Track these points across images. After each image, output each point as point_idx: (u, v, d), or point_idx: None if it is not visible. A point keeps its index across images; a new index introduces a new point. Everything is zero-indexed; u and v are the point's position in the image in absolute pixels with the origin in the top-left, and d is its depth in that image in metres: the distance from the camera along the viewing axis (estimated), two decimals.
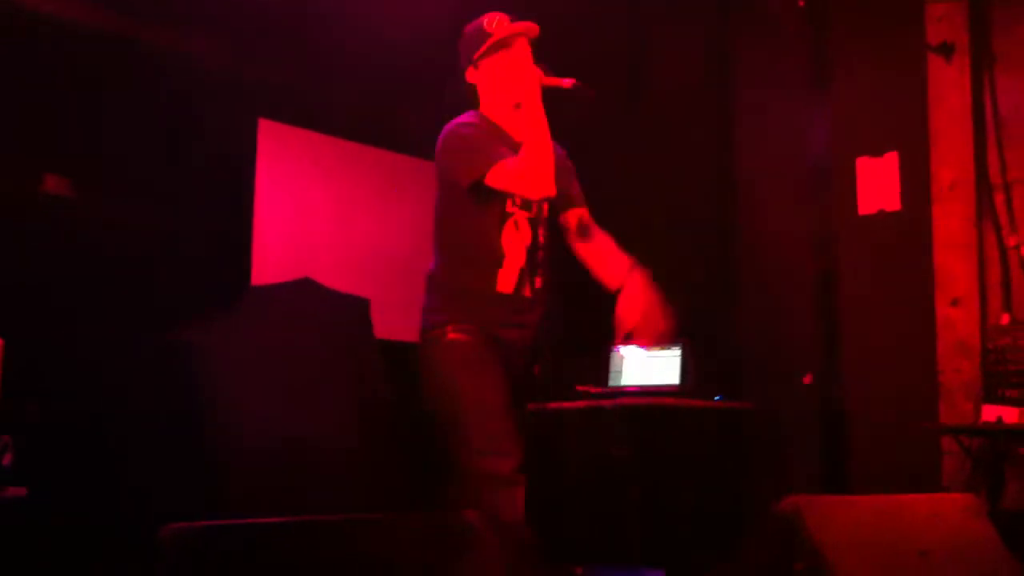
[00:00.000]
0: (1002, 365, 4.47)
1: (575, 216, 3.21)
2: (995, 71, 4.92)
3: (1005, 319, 4.70)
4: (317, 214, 5.44)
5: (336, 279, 5.12)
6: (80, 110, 4.51)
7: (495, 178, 2.90)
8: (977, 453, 4.59)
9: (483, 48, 3.05)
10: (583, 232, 3.20)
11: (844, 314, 5.11)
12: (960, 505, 2.87)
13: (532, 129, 2.92)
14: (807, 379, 5.17)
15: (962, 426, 4.60)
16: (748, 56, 5.79)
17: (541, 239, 3.09)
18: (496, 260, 2.99)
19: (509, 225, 3.01)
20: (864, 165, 5.29)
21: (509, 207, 3.01)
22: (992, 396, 4.42)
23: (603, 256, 3.17)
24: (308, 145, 5.42)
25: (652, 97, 5.81)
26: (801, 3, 5.03)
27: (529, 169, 2.88)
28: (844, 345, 5.10)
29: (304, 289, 4.90)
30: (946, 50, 4.99)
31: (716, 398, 5.15)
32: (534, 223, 3.07)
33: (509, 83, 3.03)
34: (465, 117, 3.09)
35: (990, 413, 4.29)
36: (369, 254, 5.67)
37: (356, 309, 5.00)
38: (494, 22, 3.06)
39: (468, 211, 2.99)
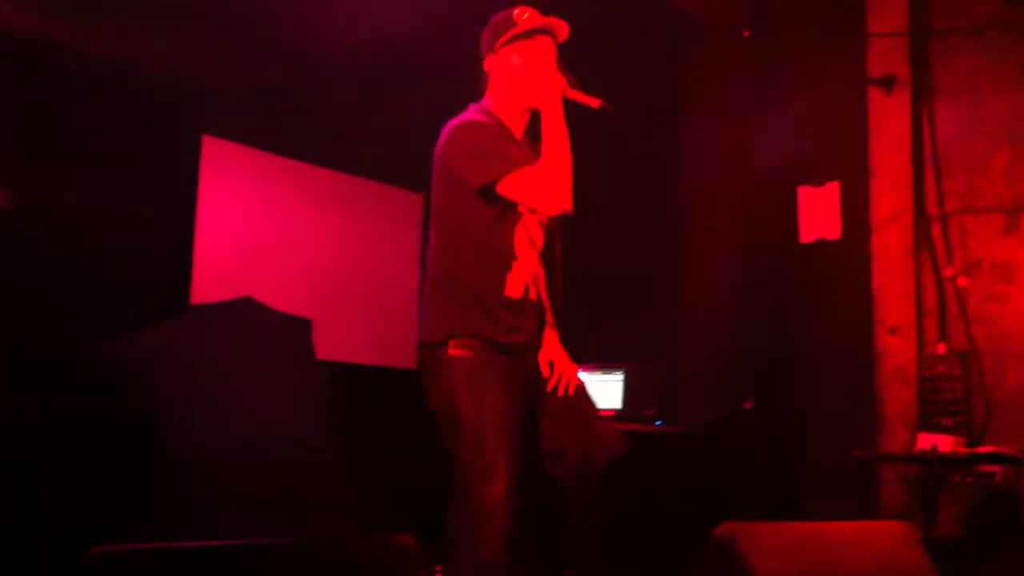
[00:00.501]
0: (938, 394, 4.53)
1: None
2: (934, 104, 5.02)
3: (941, 348, 4.77)
4: (261, 232, 5.39)
5: (280, 299, 5.07)
6: (21, 121, 4.44)
7: (510, 187, 2.77)
8: (913, 481, 4.65)
9: (506, 36, 2.92)
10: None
11: (783, 340, 5.16)
12: (893, 532, 2.90)
13: (553, 138, 2.78)
14: (748, 404, 5.21)
15: (898, 454, 4.65)
16: (695, 79, 5.86)
17: (545, 242, 2.99)
18: (506, 263, 2.86)
19: (520, 227, 2.89)
20: (805, 194, 5.37)
21: (522, 207, 2.87)
22: (928, 424, 4.48)
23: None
24: (252, 163, 5.38)
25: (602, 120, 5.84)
26: (746, 33, 5.10)
27: (549, 182, 2.75)
28: (782, 371, 5.15)
29: (245, 308, 4.84)
30: (887, 82, 5.09)
31: (657, 423, 5.16)
32: (543, 226, 2.98)
33: (525, 78, 2.89)
34: (472, 113, 2.95)
35: (925, 441, 4.34)
36: (313, 274, 5.63)
37: (298, 330, 4.94)
38: (524, 14, 2.92)
39: (478, 210, 2.85)
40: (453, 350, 2.79)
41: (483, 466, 2.67)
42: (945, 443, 4.23)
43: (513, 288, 2.86)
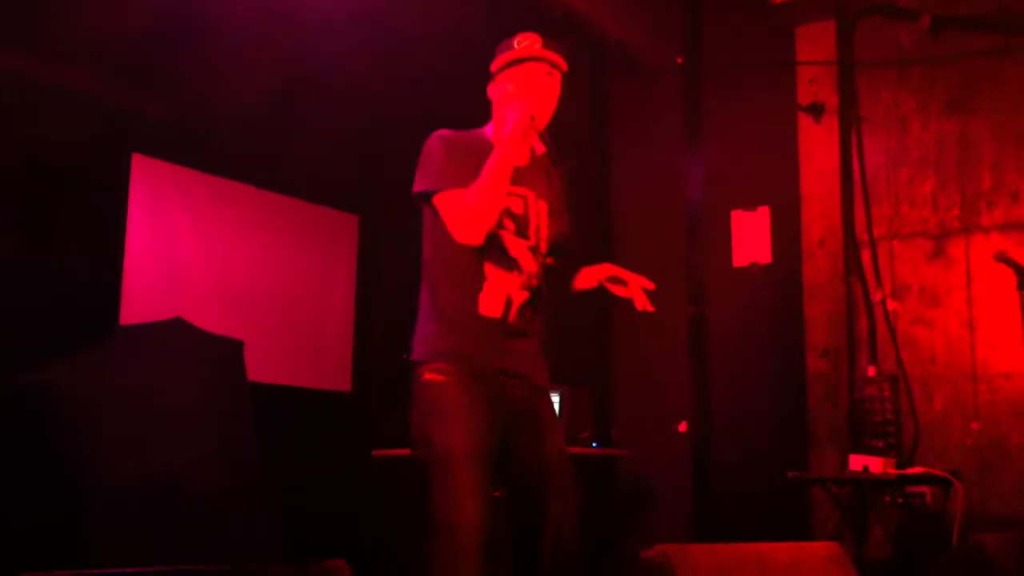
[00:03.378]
0: (868, 416, 4.58)
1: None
2: (862, 132, 5.12)
3: (871, 371, 4.84)
4: (191, 252, 5.30)
5: (211, 320, 4.99)
6: None
7: (441, 203, 2.73)
8: (845, 502, 4.70)
9: (501, 62, 2.87)
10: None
11: (716, 364, 5.20)
12: (823, 553, 2.92)
13: (492, 170, 2.67)
14: (682, 427, 5.23)
15: (829, 475, 4.71)
16: (623, 107, 5.91)
17: (537, 268, 2.84)
18: (477, 283, 2.75)
19: (494, 248, 2.77)
20: (738, 218, 5.44)
21: (497, 228, 2.76)
22: (859, 446, 4.52)
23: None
24: (182, 181, 5.30)
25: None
26: (679, 59, 5.15)
27: (465, 210, 2.68)
28: (716, 394, 5.18)
29: (175, 329, 4.75)
30: (816, 110, 5.19)
31: (593, 445, 5.16)
32: (534, 251, 2.83)
33: (512, 102, 2.77)
34: (456, 131, 2.88)
35: (857, 462, 4.39)
36: (246, 295, 5.55)
37: (229, 351, 4.87)
38: (524, 41, 2.85)
39: (443, 228, 2.77)
40: (428, 374, 2.72)
41: (451, 496, 2.61)
42: (876, 464, 4.28)
43: (488, 307, 2.76)
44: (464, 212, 2.69)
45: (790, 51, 5.34)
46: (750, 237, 5.39)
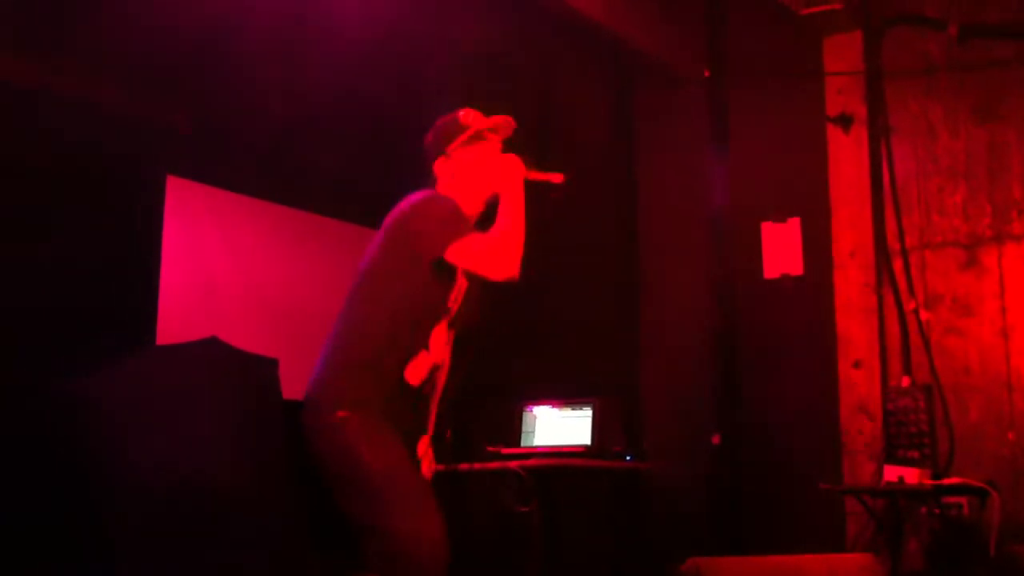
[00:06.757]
0: (903, 427, 4.55)
1: None
2: (891, 141, 5.11)
3: (905, 381, 4.80)
4: (225, 271, 5.36)
5: (245, 338, 5.04)
6: None
7: (457, 253, 2.81)
8: (880, 513, 4.67)
9: (460, 139, 2.98)
10: None
11: (747, 375, 5.19)
12: (857, 565, 2.92)
13: (511, 211, 2.85)
14: (716, 439, 5.22)
15: (864, 487, 4.68)
16: (650, 119, 5.93)
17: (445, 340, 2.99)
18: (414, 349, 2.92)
19: (444, 320, 2.95)
20: (768, 230, 5.43)
21: (450, 301, 2.94)
22: (893, 457, 4.50)
23: None
24: (216, 202, 5.36)
25: (557, 158, 5.89)
26: (707, 73, 5.16)
27: (502, 248, 2.81)
28: (747, 405, 5.17)
29: (211, 348, 4.80)
30: (845, 121, 5.19)
31: (627, 458, 5.15)
32: (450, 324, 2.98)
33: (484, 175, 2.95)
34: (433, 193, 3.00)
35: (892, 473, 4.36)
36: (279, 313, 5.60)
37: (264, 369, 4.91)
38: (469, 116, 2.99)
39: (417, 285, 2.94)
40: None
41: None
42: (911, 475, 4.25)
43: (413, 375, 2.92)
44: (502, 251, 2.83)
45: (818, 61, 5.35)
46: (781, 249, 5.39)
